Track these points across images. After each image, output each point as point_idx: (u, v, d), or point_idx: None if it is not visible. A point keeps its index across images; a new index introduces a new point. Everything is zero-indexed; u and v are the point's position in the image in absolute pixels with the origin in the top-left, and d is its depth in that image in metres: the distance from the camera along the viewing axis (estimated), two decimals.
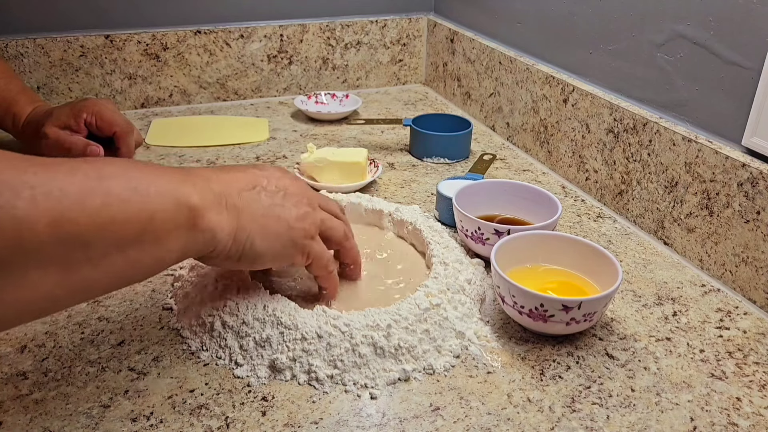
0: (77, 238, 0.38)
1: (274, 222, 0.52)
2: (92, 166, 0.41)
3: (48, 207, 0.36)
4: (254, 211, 0.51)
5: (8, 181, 0.35)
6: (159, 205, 0.43)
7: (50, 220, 0.36)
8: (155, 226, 0.43)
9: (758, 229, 0.63)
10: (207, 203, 0.47)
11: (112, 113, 0.84)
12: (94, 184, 0.39)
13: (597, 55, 0.85)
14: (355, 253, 0.62)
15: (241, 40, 1.17)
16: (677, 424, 0.50)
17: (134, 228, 0.41)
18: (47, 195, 0.36)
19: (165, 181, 0.44)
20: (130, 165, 0.44)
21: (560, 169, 0.92)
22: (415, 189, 0.88)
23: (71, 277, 0.39)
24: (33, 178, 0.36)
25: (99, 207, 0.39)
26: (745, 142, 0.65)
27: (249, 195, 0.51)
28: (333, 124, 1.11)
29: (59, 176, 0.38)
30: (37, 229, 0.36)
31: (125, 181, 0.41)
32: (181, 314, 0.61)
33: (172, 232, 0.44)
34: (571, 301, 0.54)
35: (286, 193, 0.54)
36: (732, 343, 0.60)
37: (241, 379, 0.54)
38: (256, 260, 0.52)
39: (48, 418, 0.49)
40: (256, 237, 0.51)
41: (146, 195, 0.42)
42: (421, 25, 1.28)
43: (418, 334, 0.55)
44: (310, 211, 0.55)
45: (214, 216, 0.47)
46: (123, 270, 0.42)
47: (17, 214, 0.35)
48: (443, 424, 0.50)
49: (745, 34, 0.64)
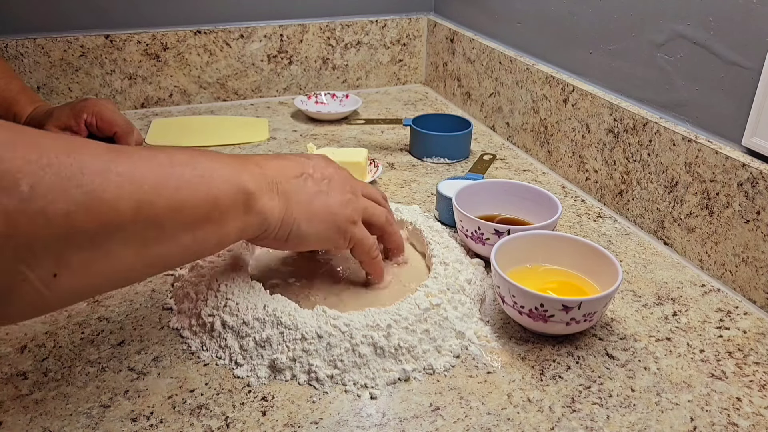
0: (154, 219, 0.43)
1: (319, 207, 0.55)
2: (165, 153, 0.46)
3: (132, 191, 0.41)
4: (301, 197, 0.54)
5: (98, 168, 0.40)
6: (222, 190, 0.48)
7: (134, 202, 0.41)
8: (219, 210, 0.47)
9: (758, 229, 0.63)
10: (261, 189, 0.51)
11: (112, 113, 0.84)
12: (168, 171, 0.44)
13: (597, 55, 0.85)
14: (397, 238, 0.65)
15: (241, 40, 1.17)
16: (677, 424, 0.50)
17: (201, 211, 0.46)
18: (131, 181, 0.41)
19: (226, 169, 0.49)
20: (196, 153, 0.48)
21: (560, 169, 0.92)
22: (415, 189, 0.88)
23: (147, 252, 0.43)
24: (117, 166, 0.41)
25: (173, 192, 0.44)
26: (745, 142, 0.65)
27: (297, 182, 0.55)
28: (333, 124, 1.11)
29: (139, 163, 0.42)
30: (122, 210, 0.40)
31: (193, 169, 0.46)
32: (181, 314, 0.61)
33: (232, 215, 0.49)
34: (571, 301, 0.54)
35: (331, 181, 0.57)
36: (732, 343, 0.60)
37: (241, 379, 0.54)
38: (301, 242, 0.56)
39: (48, 418, 0.50)
40: (303, 221, 0.54)
41: (211, 181, 0.47)
42: (421, 25, 1.28)
43: (418, 334, 0.55)
44: (353, 198, 0.58)
45: (267, 201, 0.51)
46: (190, 247, 0.47)
47: (107, 197, 0.39)
48: (443, 424, 0.50)
49: (745, 34, 0.64)
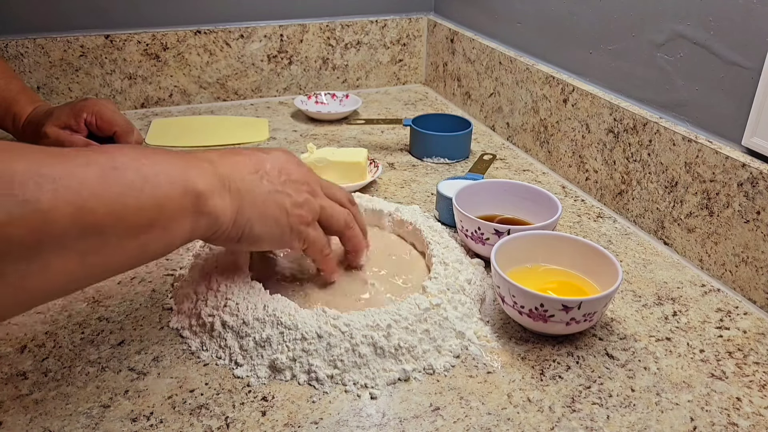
0: (95, 227, 0.40)
1: (273, 207, 0.53)
2: (106, 156, 0.43)
3: (69, 199, 0.39)
4: (255, 195, 0.52)
5: (31, 175, 0.37)
6: (168, 192, 0.45)
7: (72, 210, 0.39)
8: (164, 213, 0.45)
9: (758, 229, 0.63)
10: (212, 188, 0.49)
11: (112, 113, 0.84)
12: (109, 174, 0.42)
13: (597, 55, 0.85)
14: (356, 242, 0.63)
15: (241, 40, 1.17)
16: (677, 424, 0.50)
17: (146, 215, 0.44)
18: (68, 188, 0.39)
19: (173, 168, 0.46)
20: (140, 153, 0.46)
21: (560, 169, 0.92)
22: (415, 189, 0.88)
23: (88, 261, 0.41)
24: (53, 171, 0.39)
25: (114, 197, 0.42)
26: (745, 142, 0.65)
27: (251, 179, 0.53)
28: (333, 124, 1.11)
29: (78, 168, 0.40)
30: (60, 219, 0.38)
31: (137, 171, 0.44)
32: (181, 314, 0.61)
33: (180, 218, 0.47)
34: (571, 301, 0.54)
35: (288, 179, 0.55)
36: (732, 343, 0.60)
37: (241, 379, 0.54)
38: (254, 243, 0.54)
39: (48, 418, 0.49)
40: (256, 222, 0.53)
41: (156, 184, 0.45)
42: (421, 25, 1.28)
43: (418, 334, 0.55)
44: (309, 198, 0.56)
45: (219, 201, 0.49)
46: (135, 253, 0.45)
47: (41, 207, 0.37)
48: (443, 424, 0.50)
49: (745, 34, 0.64)
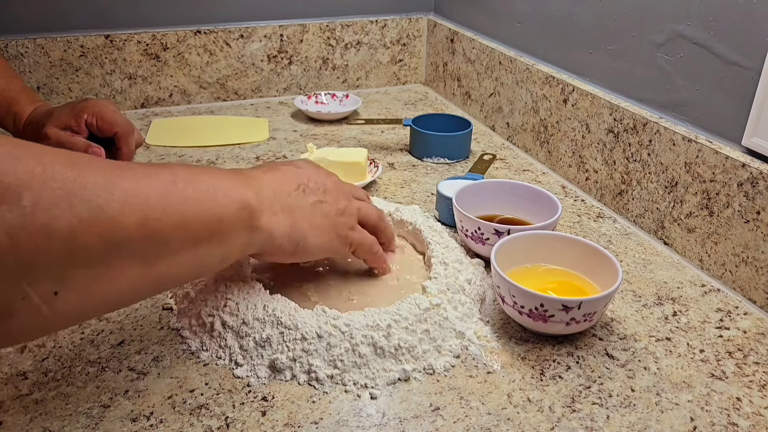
0: (159, 235, 0.43)
1: (320, 218, 0.56)
2: (169, 170, 0.46)
3: (137, 208, 0.41)
4: (304, 210, 0.55)
5: (104, 184, 0.40)
6: (226, 207, 0.48)
7: (138, 218, 0.41)
8: (222, 226, 0.47)
9: (758, 229, 0.63)
10: (264, 205, 0.51)
11: (112, 114, 0.84)
12: (172, 187, 0.44)
13: (597, 55, 0.85)
14: (389, 231, 0.66)
15: (241, 40, 1.17)
16: (677, 424, 0.50)
17: (205, 227, 0.46)
18: (136, 197, 0.41)
19: (230, 185, 0.49)
20: (199, 170, 0.49)
21: (560, 169, 0.92)
22: (415, 189, 0.88)
23: (150, 269, 0.43)
24: (122, 182, 0.41)
25: (177, 208, 0.44)
26: (745, 142, 0.65)
27: (297, 195, 0.55)
28: (333, 124, 1.11)
29: (143, 179, 0.43)
30: (127, 226, 0.40)
31: (197, 184, 0.46)
32: (181, 314, 0.61)
33: (236, 232, 0.49)
34: (571, 301, 0.54)
35: (326, 190, 0.58)
36: (732, 343, 0.60)
37: (241, 379, 0.54)
38: (307, 254, 0.57)
39: (48, 418, 0.50)
40: (308, 234, 0.55)
41: (215, 198, 0.47)
42: (421, 25, 1.28)
43: (418, 334, 0.55)
44: (347, 203, 0.59)
45: (271, 217, 0.52)
46: (194, 264, 0.47)
47: (112, 213, 0.39)
48: (443, 424, 0.50)
49: (745, 34, 0.64)
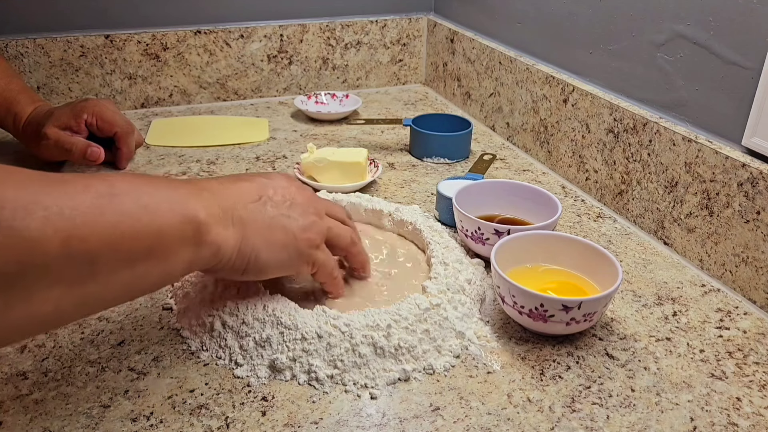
0: (86, 255, 0.38)
1: (279, 233, 0.52)
2: (105, 182, 0.41)
3: (60, 227, 0.37)
4: (260, 223, 0.51)
5: (22, 201, 0.35)
6: (167, 221, 0.43)
7: (61, 239, 0.36)
8: (163, 242, 0.43)
9: (758, 229, 0.63)
10: (213, 218, 0.47)
11: (112, 114, 0.84)
12: (105, 201, 0.40)
13: (597, 55, 0.85)
14: (362, 258, 0.62)
15: (241, 40, 1.17)
16: (677, 424, 0.50)
17: (143, 244, 0.42)
18: (60, 215, 0.37)
19: (174, 197, 0.45)
20: (141, 181, 0.44)
21: (560, 169, 0.92)
22: (415, 189, 0.88)
23: (78, 292, 0.39)
24: (46, 198, 0.37)
25: (109, 225, 0.40)
26: (745, 142, 0.65)
27: (255, 206, 0.51)
28: (333, 124, 1.11)
29: (72, 195, 0.38)
30: (48, 248, 0.36)
31: (136, 198, 0.42)
32: (181, 314, 0.61)
33: (179, 248, 0.45)
34: (571, 301, 0.54)
35: (293, 203, 0.54)
36: (732, 343, 0.60)
37: (241, 379, 0.54)
38: (261, 272, 0.52)
39: (48, 418, 0.50)
40: (262, 249, 0.51)
41: (155, 212, 0.43)
42: (421, 25, 1.28)
43: (418, 334, 0.55)
44: (316, 220, 0.55)
45: (221, 230, 0.48)
46: (130, 284, 0.43)
47: (30, 235, 0.35)
48: (443, 424, 0.50)
49: (745, 34, 0.64)
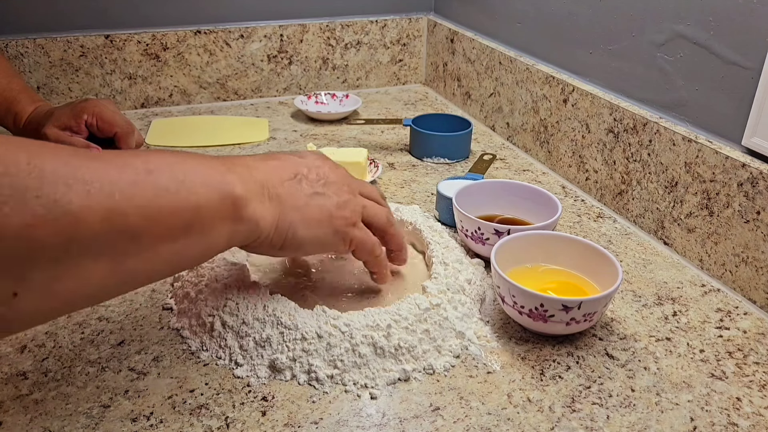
0: (127, 230, 0.39)
1: (315, 210, 0.52)
2: (141, 159, 0.42)
3: (100, 201, 0.38)
4: (296, 200, 0.51)
5: (64, 177, 0.36)
6: (205, 196, 0.44)
7: (103, 213, 0.38)
8: (201, 217, 0.44)
9: (758, 229, 0.63)
10: (250, 194, 0.48)
11: (112, 114, 0.84)
12: (143, 178, 0.41)
13: (597, 55, 0.85)
14: (399, 239, 0.62)
15: (241, 40, 1.17)
16: (677, 424, 0.50)
17: (181, 220, 0.43)
18: (100, 190, 0.38)
19: (210, 172, 0.45)
20: (177, 157, 0.45)
21: (560, 169, 0.92)
22: (415, 189, 0.88)
23: (121, 266, 0.40)
24: (87, 173, 0.38)
25: (148, 200, 0.40)
26: (745, 142, 0.65)
27: (290, 184, 0.52)
28: (333, 124, 1.11)
29: (111, 171, 0.39)
30: (90, 222, 0.37)
31: (172, 174, 0.43)
32: (181, 314, 0.61)
33: (218, 223, 0.45)
34: (571, 301, 0.54)
35: (327, 181, 0.54)
36: (732, 343, 0.60)
37: (241, 379, 0.54)
38: (299, 248, 0.53)
39: (48, 418, 0.50)
40: (299, 226, 0.52)
41: (192, 187, 0.43)
42: (421, 25, 1.28)
43: (418, 334, 0.55)
44: (351, 198, 0.55)
45: (258, 206, 0.48)
46: (171, 259, 0.44)
47: (72, 209, 0.36)
48: (443, 424, 0.50)
49: (745, 34, 0.64)
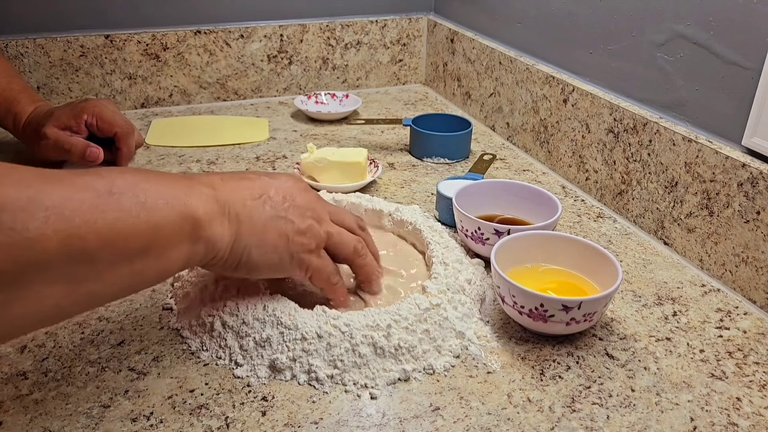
0: (85, 254, 0.39)
1: (273, 235, 0.52)
2: (105, 181, 0.41)
3: (59, 227, 0.37)
4: (255, 221, 0.51)
5: (22, 202, 0.36)
6: (165, 218, 0.44)
7: (61, 238, 0.37)
8: (160, 239, 0.43)
9: (758, 229, 0.63)
10: (211, 214, 0.47)
11: (112, 114, 0.84)
12: (104, 200, 0.40)
13: (597, 55, 0.85)
14: (368, 270, 0.59)
15: (241, 40, 1.17)
16: (677, 424, 0.50)
17: (141, 241, 0.42)
18: (60, 215, 0.37)
19: (173, 193, 0.45)
20: (141, 178, 0.44)
21: (560, 169, 0.92)
22: (415, 189, 0.88)
23: (77, 289, 0.40)
24: (46, 199, 0.37)
25: (108, 224, 0.40)
26: (745, 142, 0.65)
27: (253, 204, 0.51)
28: (333, 124, 1.11)
29: (72, 194, 0.39)
30: (47, 247, 0.36)
31: (134, 196, 0.42)
32: (181, 314, 0.61)
33: (176, 244, 0.45)
34: (571, 301, 0.54)
35: (292, 205, 0.53)
36: (732, 343, 0.60)
37: (241, 379, 0.54)
38: (252, 271, 0.52)
39: (48, 418, 0.50)
40: (254, 248, 0.51)
41: (154, 208, 0.43)
42: (421, 25, 1.28)
43: (418, 334, 0.55)
44: (313, 224, 0.54)
45: (217, 227, 0.48)
46: (127, 281, 0.43)
47: (30, 235, 0.36)
48: (443, 424, 0.50)
49: (745, 34, 0.64)
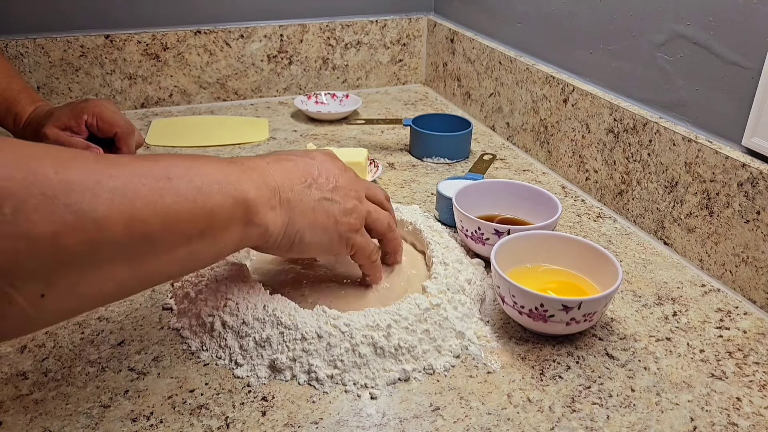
0: (147, 236, 0.42)
1: (322, 216, 0.55)
2: (162, 165, 0.44)
3: (123, 209, 0.40)
4: (305, 205, 0.54)
5: (89, 185, 0.38)
6: (220, 202, 0.46)
7: (125, 220, 0.40)
8: (215, 222, 0.46)
9: (758, 229, 0.63)
10: (262, 199, 0.50)
11: (113, 114, 0.84)
12: (163, 185, 0.43)
13: (597, 55, 0.85)
14: (396, 244, 0.64)
15: (241, 40, 1.17)
16: (677, 424, 0.51)
17: (197, 225, 0.45)
18: (123, 198, 0.40)
19: (226, 179, 0.48)
20: (195, 163, 0.47)
21: (560, 169, 0.92)
22: (415, 189, 0.88)
23: (139, 269, 0.42)
24: (110, 182, 0.40)
25: (167, 207, 0.43)
26: (745, 142, 0.65)
27: (301, 188, 0.54)
28: (333, 124, 1.11)
29: (133, 178, 0.41)
30: (113, 229, 0.39)
31: (190, 181, 0.45)
32: (181, 314, 0.61)
33: (230, 227, 0.48)
34: (571, 301, 0.54)
35: (336, 186, 0.56)
36: (732, 343, 0.60)
37: (241, 379, 0.54)
38: (303, 251, 0.56)
39: (48, 418, 0.50)
40: (306, 231, 0.54)
41: (209, 194, 0.46)
42: (421, 25, 1.28)
43: (418, 334, 0.55)
44: (357, 204, 0.57)
45: (269, 211, 0.51)
46: (185, 261, 0.46)
47: (97, 216, 0.38)
48: (443, 424, 0.50)
49: (745, 34, 0.64)
